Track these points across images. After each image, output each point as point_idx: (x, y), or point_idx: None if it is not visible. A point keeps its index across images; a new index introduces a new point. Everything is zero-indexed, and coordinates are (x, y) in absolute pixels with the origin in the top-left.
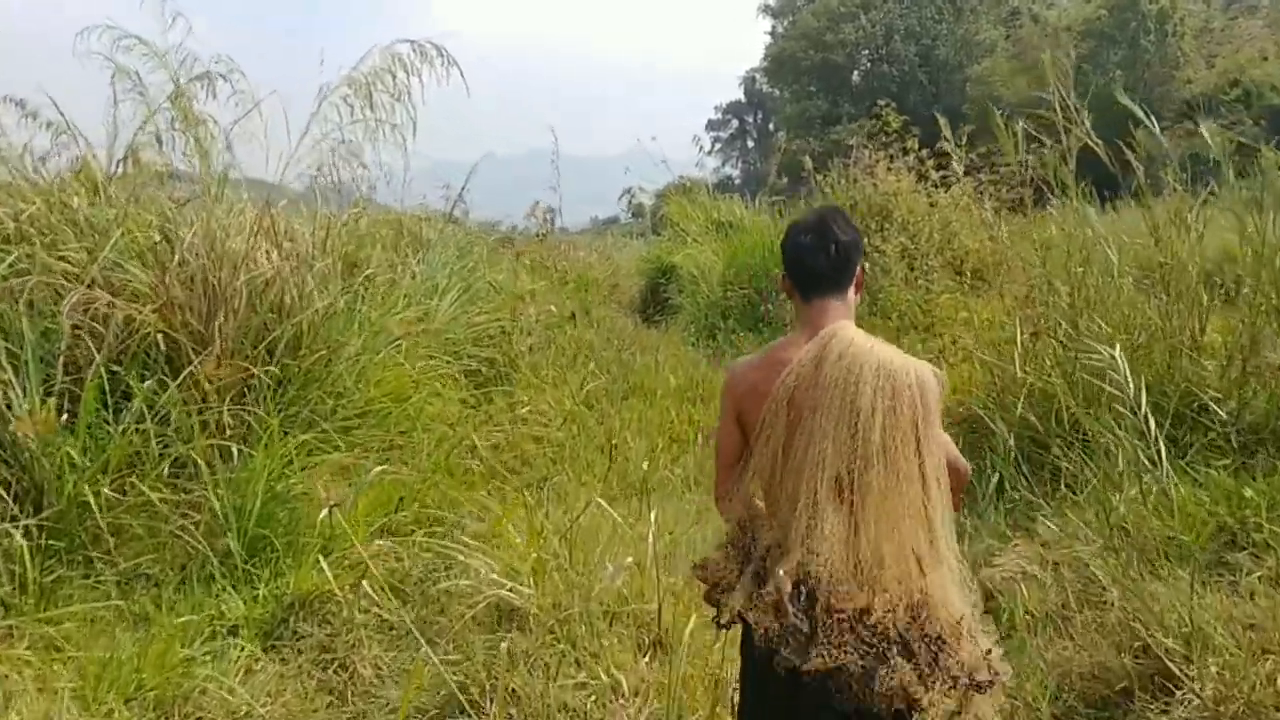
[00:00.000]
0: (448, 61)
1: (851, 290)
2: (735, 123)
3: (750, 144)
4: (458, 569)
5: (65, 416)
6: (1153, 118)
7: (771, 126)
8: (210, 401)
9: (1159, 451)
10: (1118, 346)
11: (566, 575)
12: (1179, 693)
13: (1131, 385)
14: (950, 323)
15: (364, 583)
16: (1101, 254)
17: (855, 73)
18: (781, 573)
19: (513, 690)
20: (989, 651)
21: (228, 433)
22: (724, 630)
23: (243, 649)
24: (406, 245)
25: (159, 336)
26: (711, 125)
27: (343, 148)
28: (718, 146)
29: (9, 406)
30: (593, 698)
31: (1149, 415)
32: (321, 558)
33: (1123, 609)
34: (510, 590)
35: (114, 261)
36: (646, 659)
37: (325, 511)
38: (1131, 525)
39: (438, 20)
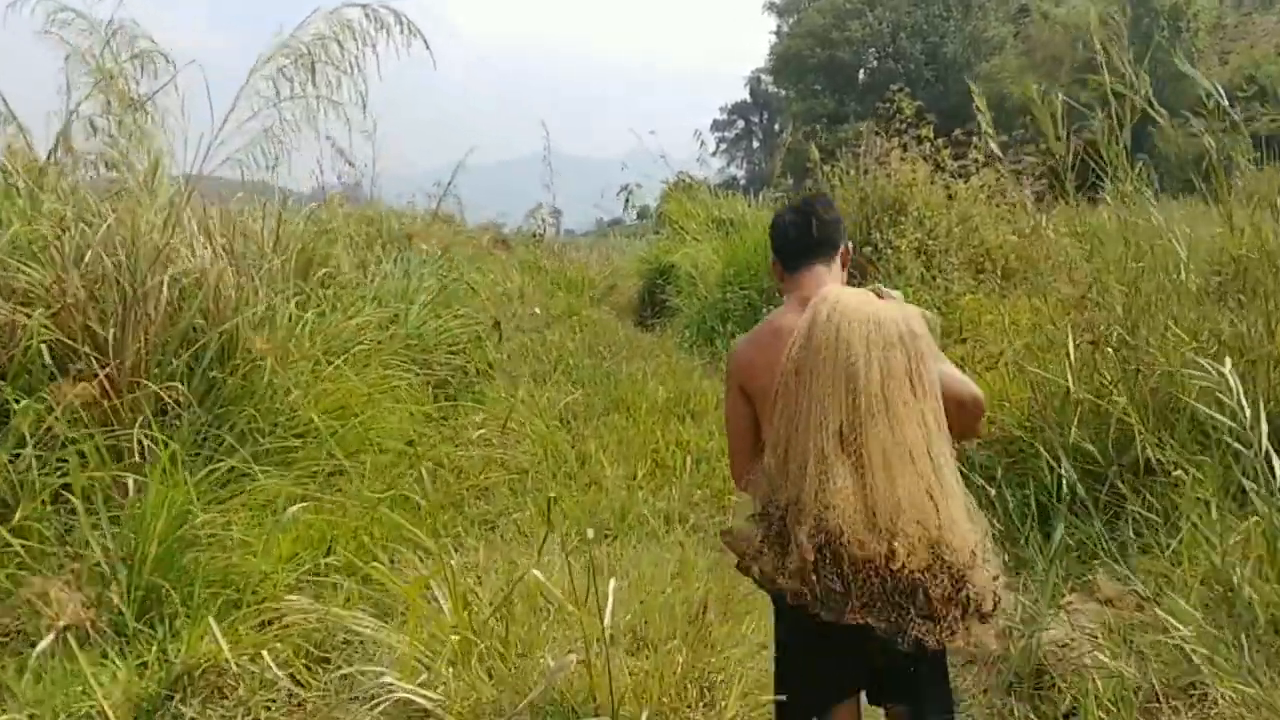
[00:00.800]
0: (408, 30)
1: (837, 263)
2: (741, 123)
3: (756, 144)
4: (364, 649)
5: None
6: (1223, 99)
7: (777, 127)
8: (118, 421)
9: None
10: (1228, 361)
11: (496, 664)
12: None
13: (1248, 411)
14: (974, 326)
15: (264, 653)
16: (1166, 249)
17: (862, 71)
18: (803, 538)
19: None
20: (996, 578)
21: (132, 458)
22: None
23: None
24: (384, 244)
25: (43, 346)
26: (717, 125)
27: (282, 126)
28: (723, 147)
29: None
30: None
31: (1270, 450)
32: (214, 623)
33: (1232, 710)
34: (424, 682)
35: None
36: None
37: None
38: (1239, 591)
39: (438, 19)
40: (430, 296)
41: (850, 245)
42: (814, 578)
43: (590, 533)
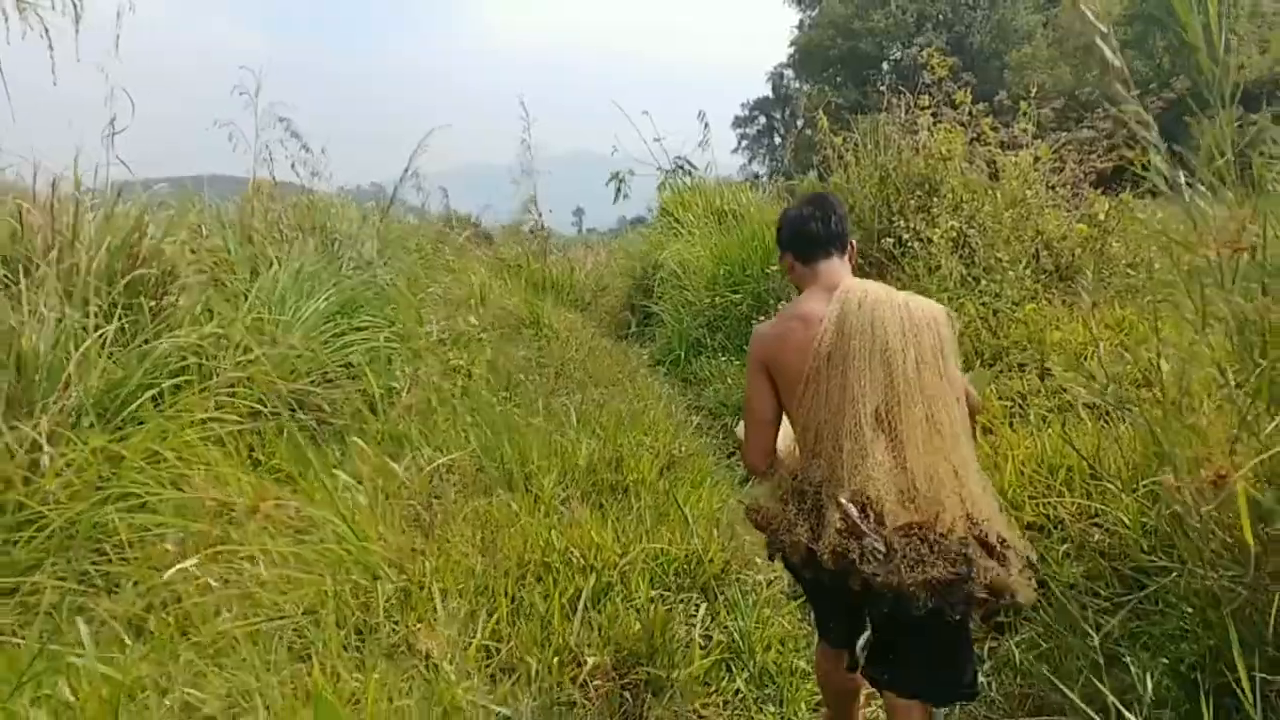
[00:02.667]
0: None
1: (846, 256)
2: (762, 119)
3: (778, 141)
4: None
5: None
6: None
7: (799, 123)
8: None
9: None
10: None
11: None
12: None
13: None
14: (1036, 345)
15: None
16: None
17: (885, 63)
18: (844, 500)
19: None
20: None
21: None
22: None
23: None
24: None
25: None
26: (738, 122)
27: None
28: (744, 144)
29: None
30: None
31: None
32: None
33: None
34: None
35: None
36: None
37: None
38: None
39: (471, 19)
40: (328, 304)
41: (855, 241)
42: (859, 535)
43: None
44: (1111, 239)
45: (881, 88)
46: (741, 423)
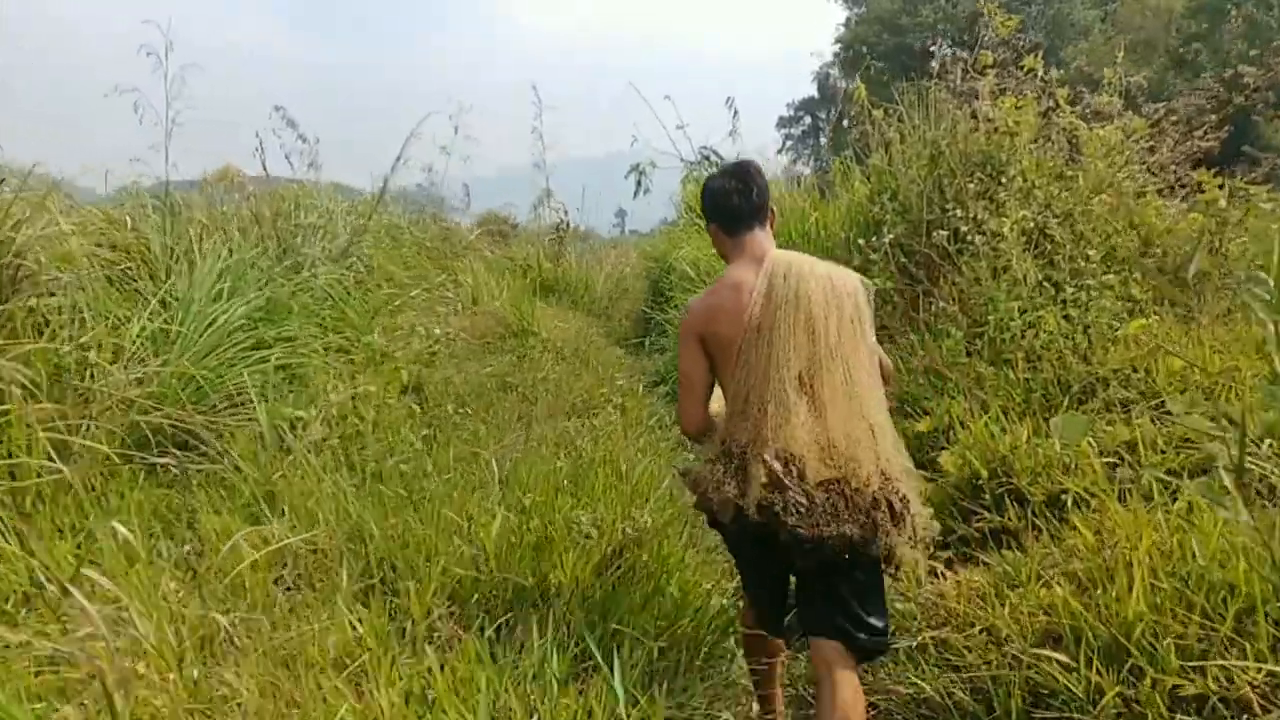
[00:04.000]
0: None
1: (768, 226)
2: (808, 119)
3: (824, 141)
4: None
5: None
6: None
7: (846, 123)
8: None
9: None
10: None
11: None
12: None
13: None
14: (1144, 379)
15: None
16: None
17: (934, 61)
18: (768, 456)
19: None
20: (920, 512)
21: None
22: (716, 528)
23: None
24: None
25: None
26: (783, 122)
27: None
28: (789, 144)
29: None
30: None
31: None
32: None
33: None
34: None
35: None
36: None
37: None
38: None
39: (503, 17)
40: (249, 307)
41: (775, 209)
42: (782, 489)
43: None
44: (1230, 234)
45: (933, 50)
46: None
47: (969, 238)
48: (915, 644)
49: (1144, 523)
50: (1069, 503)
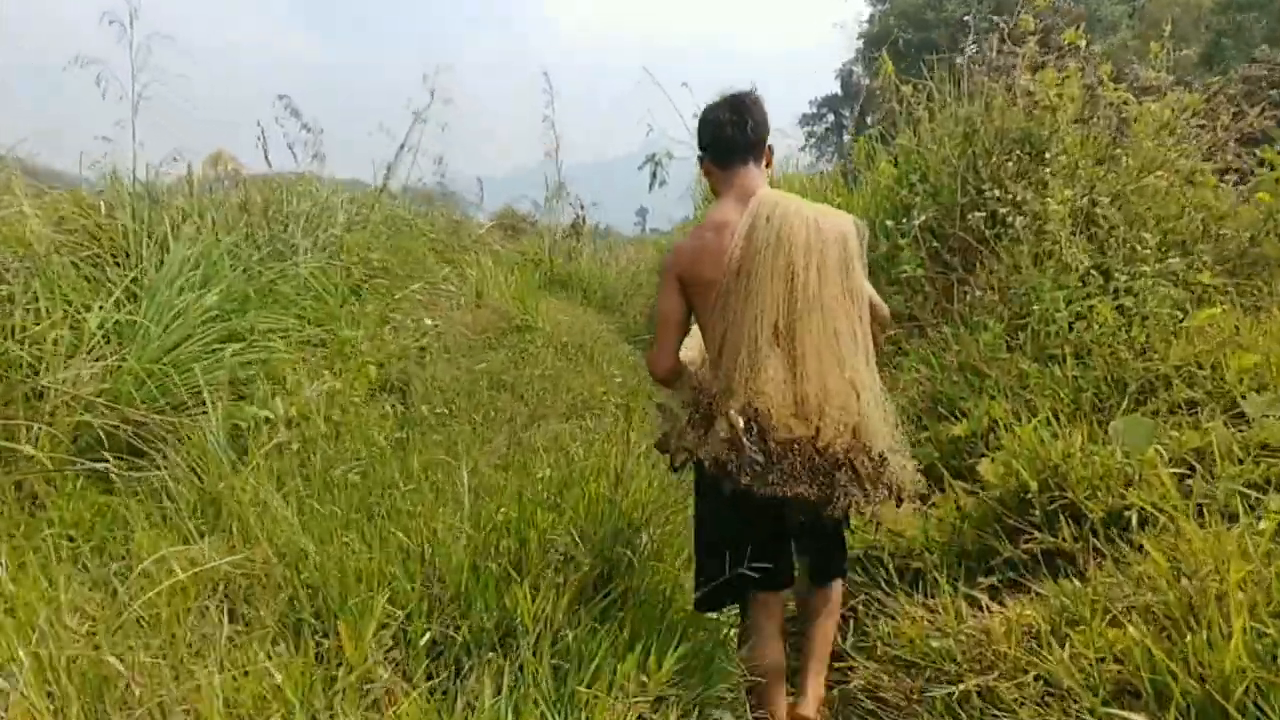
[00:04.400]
0: None
1: (763, 162)
2: (831, 117)
3: (846, 139)
4: None
5: None
6: None
7: (869, 120)
8: None
9: None
10: None
11: None
12: None
13: None
14: (1212, 376)
15: None
16: None
17: (959, 56)
18: (732, 411)
19: None
20: (904, 467)
21: None
22: (678, 473)
23: None
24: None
25: None
26: (805, 120)
27: None
28: (811, 141)
29: None
30: None
31: None
32: None
33: None
34: None
35: None
36: None
37: None
38: None
39: (535, 16)
40: (220, 297)
41: (772, 146)
42: (739, 449)
43: None
44: None
45: (969, 20)
46: (687, 343)
47: (1008, 220)
48: (955, 693)
49: (1230, 548)
50: (1134, 521)
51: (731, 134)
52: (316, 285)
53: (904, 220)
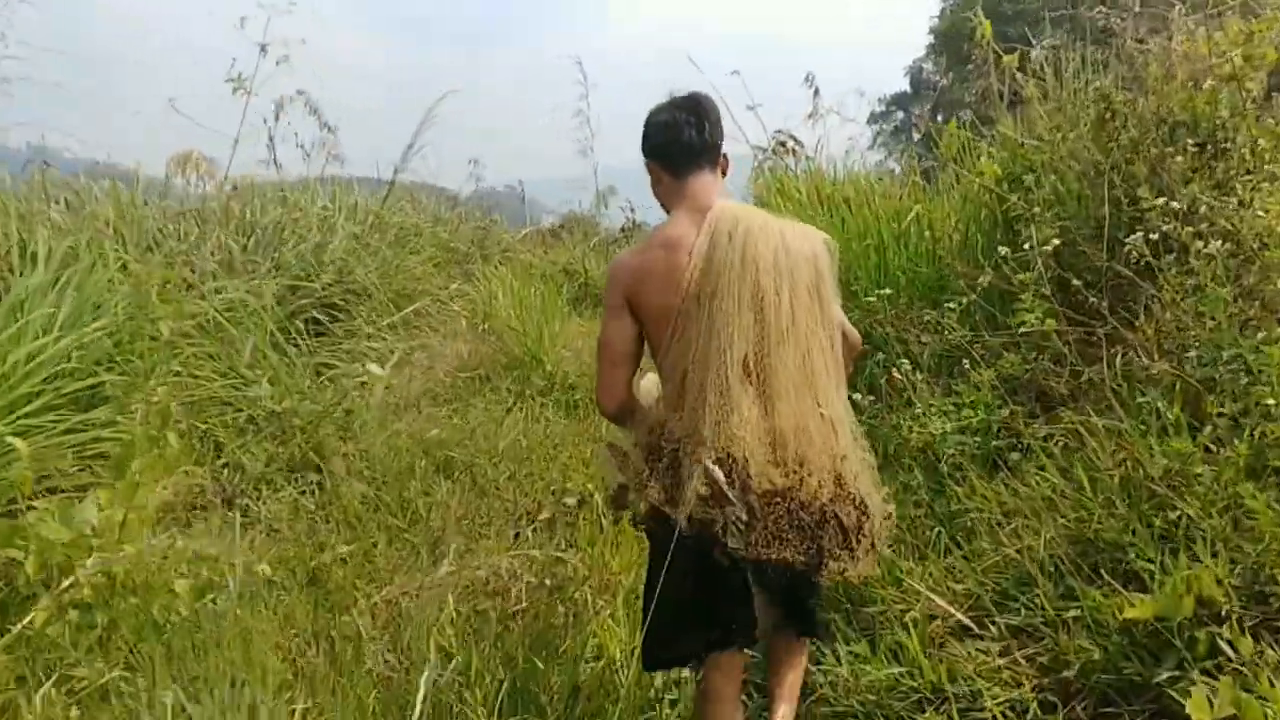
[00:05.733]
0: None
1: (719, 171)
2: (900, 115)
3: (916, 137)
4: None
5: None
6: None
7: (940, 118)
8: None
9: None
10: None
11: None
12: None
13: None
14: None
15: None
16: None
17: (1036, 49)
18: (708, 462)
19: None
20: (886, 504)
21: None
22: (637, 528)
23: None
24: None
25: None
26: (873, 118)
27: None
28: (880, 140)
29: None
30: None
31: None
32: None
33: None
34: None
35: None
36: None
37: None
38: None
39: (593, 14)
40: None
41: (727, 153)
42: (722, 504)
43: None
44: None
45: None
46: (646, 379)
47: (1179, 242)
48: None
49: None
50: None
51: (689, 136)
52: (230, 322)
53: (1016, 240)
